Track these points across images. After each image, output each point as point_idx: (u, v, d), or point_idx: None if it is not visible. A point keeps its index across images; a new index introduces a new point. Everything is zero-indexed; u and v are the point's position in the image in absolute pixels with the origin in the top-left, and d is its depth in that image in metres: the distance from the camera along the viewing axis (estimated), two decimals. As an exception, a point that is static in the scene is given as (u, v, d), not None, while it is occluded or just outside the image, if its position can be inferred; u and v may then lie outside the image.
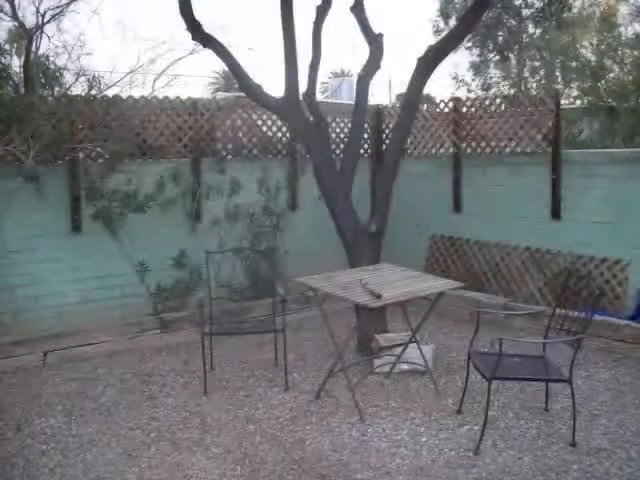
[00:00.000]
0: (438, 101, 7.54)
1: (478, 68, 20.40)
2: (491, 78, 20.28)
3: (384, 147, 7.86)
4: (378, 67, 5.64)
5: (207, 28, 5.69)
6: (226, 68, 5.91)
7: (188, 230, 6.41)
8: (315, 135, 5.51)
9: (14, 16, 10.78)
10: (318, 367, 5.04)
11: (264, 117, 7.02)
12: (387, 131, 7.94)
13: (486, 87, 19.96)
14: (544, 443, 3.68)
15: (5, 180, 5.41)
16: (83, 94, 5.75)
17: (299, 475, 3.39)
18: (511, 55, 20.13)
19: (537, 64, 17.88)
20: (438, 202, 7.30)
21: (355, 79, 5.83)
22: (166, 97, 6.47)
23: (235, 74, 5.69)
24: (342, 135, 7.59)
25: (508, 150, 6.62)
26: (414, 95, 5.38)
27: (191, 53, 12.23)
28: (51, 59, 8.22)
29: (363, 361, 5.09)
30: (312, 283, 4.42)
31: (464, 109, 7.03)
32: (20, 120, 5.29)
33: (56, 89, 5.80)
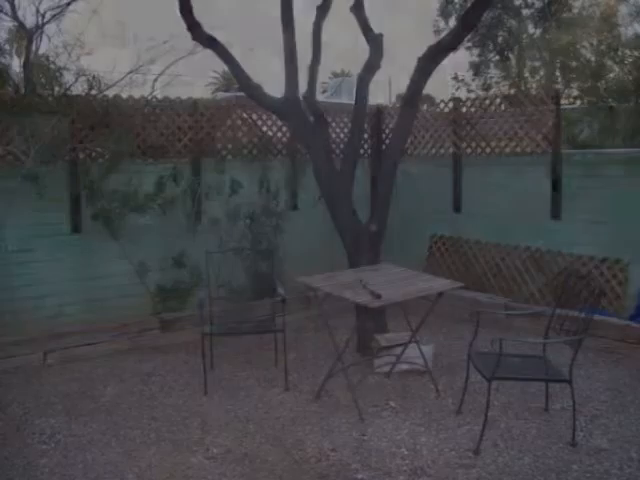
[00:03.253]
0: (438, 101, 7.54)
1: (478, 68, 20.38)
2: (491, 78, 20.24)
3: (384, 147, 7.86)
4: (378, 67, 5.64)
5: (207, 28, 5.70)
6: (226, 68, 5.91)
7: (188, 230, 6.40)
8: (315, 135, 5.51)
9: (14, 16, 10.78)
10: (318, 367, 5.04)
11: (264, 117, 7.02)
12: (387, 131, 7.94)
13: (486, 87, 19.94)
14: (544, 443, 3.68)
15: (5, 180, 5.41)
16: (83, 94, 5.76)
17: (299, 475, 3.38)
18: (511, 55, 20.11)
19: (537, 64, 17.87)
20: (438, 202, 7.30)
21: (355, 79, 5.83)
22: (166, 97, 6.48)
23: (235, 74, 5.69)
24: (342, 135, 7.59)
25: (508, 150, 6.62)
26: (414, 95, 5.38)
27: (191, 53, 12.22)
28: (51, 59, 8.23)
29: (363, 361, 5.09)
30: (312, 283, 4.42)
31: (464, 109, 7.03)
32: (20, 120, 5.29)
33: (56, 89, 5.81)
